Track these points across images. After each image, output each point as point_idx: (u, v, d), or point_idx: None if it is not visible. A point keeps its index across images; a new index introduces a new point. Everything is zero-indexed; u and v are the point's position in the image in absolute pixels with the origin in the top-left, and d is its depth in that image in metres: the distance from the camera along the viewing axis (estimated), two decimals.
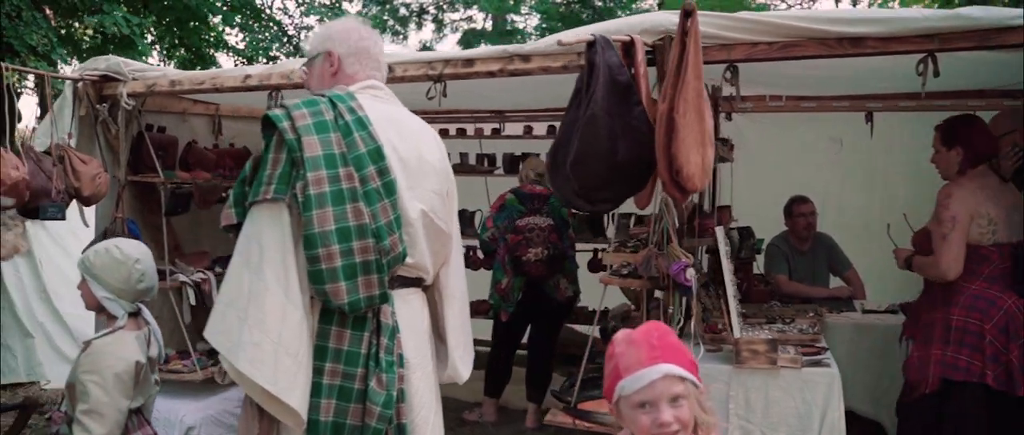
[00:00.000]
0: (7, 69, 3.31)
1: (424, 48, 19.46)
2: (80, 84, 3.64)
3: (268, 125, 1.97)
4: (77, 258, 5.34)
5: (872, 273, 4.78)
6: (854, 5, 14.14)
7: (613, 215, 5.01)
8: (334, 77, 2.15)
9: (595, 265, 4.89)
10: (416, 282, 2.14)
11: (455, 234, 2.25)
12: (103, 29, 7.32)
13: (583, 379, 3.13)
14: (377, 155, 1.96)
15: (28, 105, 12.85)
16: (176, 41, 11.12)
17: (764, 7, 14.44)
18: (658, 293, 3.22)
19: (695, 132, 2.21)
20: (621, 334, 1.73)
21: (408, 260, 2.04)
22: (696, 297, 2.89)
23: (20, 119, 13.34)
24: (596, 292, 4.91)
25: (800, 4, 14.87)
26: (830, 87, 4.31)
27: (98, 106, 3.67)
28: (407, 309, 2.09)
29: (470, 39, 18.31)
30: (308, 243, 1.88)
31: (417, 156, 2.09)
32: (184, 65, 11.65)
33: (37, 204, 3.32)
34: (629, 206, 4.93)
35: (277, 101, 3.46)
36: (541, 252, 4.18)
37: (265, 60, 12.50)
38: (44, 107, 12.41)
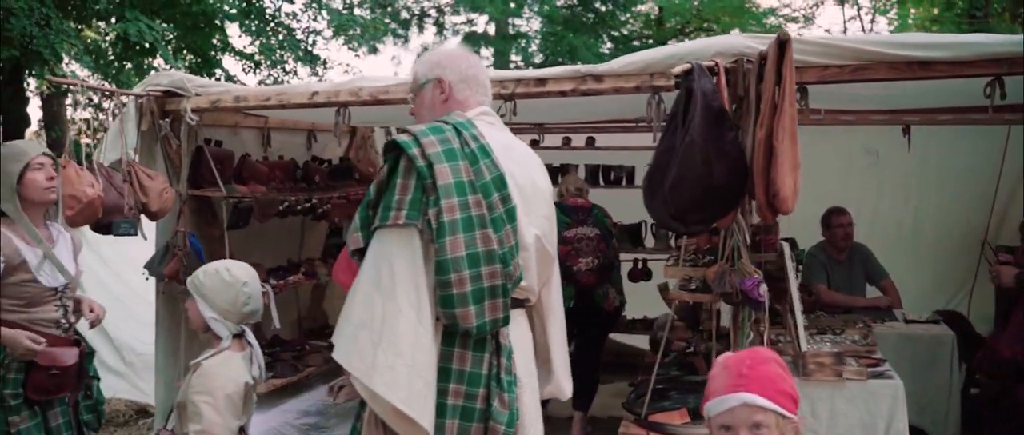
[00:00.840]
0: (81, 85, 3.35)
1: (425, 51, 19.50)
2: (143, 100, 3.68)
3: (393, 149, 2.02)
4: (117, 270, 5.35)
5: (903, 282, 4.89)
6: (857, 9, 14.29)
7: (652, 226, 5.12)
8: (445, 104, 2.21)
9: (636, 275, 4.98)
10: (522, 303, 2.20)
11: (556, 255, 2.32)
12: (127, 36, 7.32)
13: (659, 388, 3.20)
14: (501, 183, 2.03)
15: (32, 111, 12.77)
16: (182, 46, 11.11)
17: (770, 12, 14.58)
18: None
19: (790, 157, 2.29)
20: (722, 357, 1.80)
21: (522, 283, 2.10)
22: (767, 312, 2.96)
23: (28, 124, 13.18)
24: (637, 302, 5.03)
25: (803, 11, 15.03)
26: (865, 102, 4.41)
27: (160, 121, 3.71)
28: (517, 329, 2.16)
29: (473, 44, 18.35)
30: (440, 269, 1.93)
31: (531, 183, 2.16)
32: (191, 69, 11.64)
33: (110, 220, 3.35)
34: None
35: (345, 117, 3.51)
36: (591, 261, 4.26)
37: (272, 65, 12.50)
38: (43, 118, 12.25)
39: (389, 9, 18.82)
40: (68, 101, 12.36)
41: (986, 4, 13.07)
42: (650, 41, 18.70)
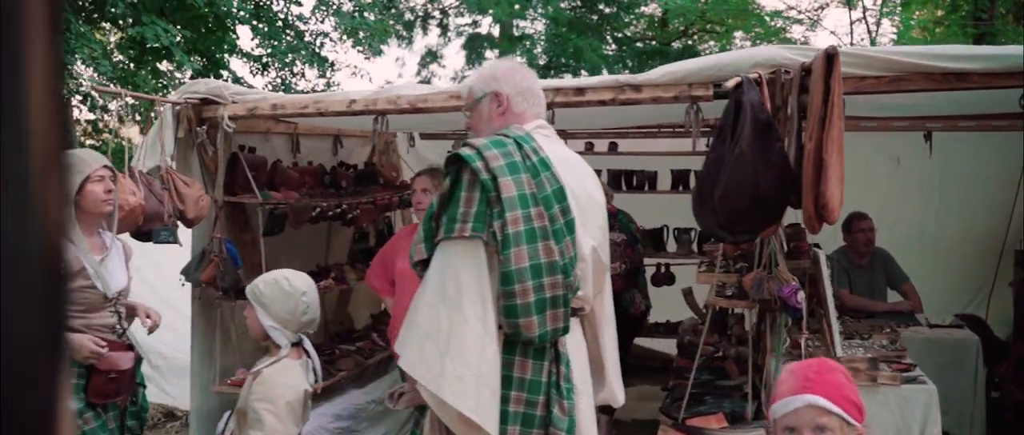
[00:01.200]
0: (124, 94, 3.39)
1: (429, 53, 19.55)
2: (181, 107, 3.72)
3: (456, 162, 2.07)
4: (143, 275, 5.39)
5: (922, 286, 4.94)
6: (863, 12, 14.35)
7: (674, 231, 5.17)
8: (503, 117, 2.25)
9: (659, 279, 5.03)
10: (577, 312, 2.25)
11: (609, 264, 2.37)
12: (143, 39, 7.36)
13: (693, 393, 3.24)
14: (560, 195, 2.08)
15: None
16: (190, 49, 11.15)
17: (776, 14, 14.63)
18: None
19: (838, 169, 2.35)
20: (789, 364, 1.87)
21: (578, 293, 2.15)
22: (805, 318, 3.01)
23: None
24: (660, 306, 5.08)
25: (808, 14, 15.09)
26: (888, 108, 4.46)
27: (197, 129, 3.75)
28: (572, 338, 2.21)
29: (476, 46, 18.41)
30: (505, 280, 1.98)
31: (586, 194, 2.21)
32: (199, 72, 11.67)
33: (149, 228, 3.39)
34: (687, 221, 5.04)
35: (383, 125, 3.55)
36: (619, 267, 4.30)
37: (280, 67, 12.53)
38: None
39: (393, 11, 18.85)
40: (74, 102, 12.37)
41: (991, 6, 13.13)
42: (653, 43, 18.81)
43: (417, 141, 5.44)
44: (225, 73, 12.34)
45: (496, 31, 18.68)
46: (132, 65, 9.34)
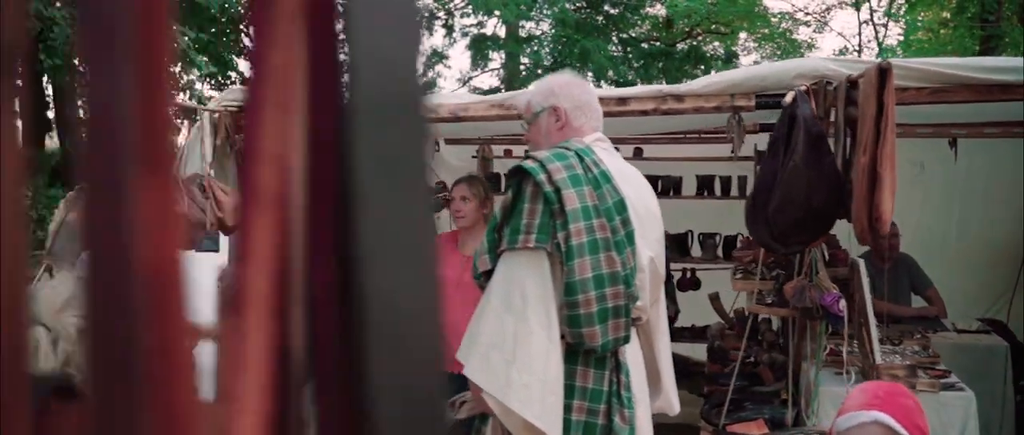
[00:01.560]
0: None
1: (435, 53, 19.55)
2: (217, 115, 3.75)
3: (519, 174, 2.10)
4: None
5: (944, 291, 4.98)
6: (870, 13, 14.39)
7: (699, 236, 5.21)
8: (561, 131, 2.28)
9: (685, 284, 5.06)
10: (635, 321, 2.29)
11: (664, 275, 2.41)
12: None
13: (731, 399, 3.28)
14: (621, 207, 2.11)
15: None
16: (200, 49, 11.16)
17: (784, 16, 14.67)
18: None
19: (891, 181, 2.38)
20: (861, 384, 1.91)
21: (637, 303, 2.19)
22: (847, 326, 3.05)
23: (50, 128, 13.17)
24: (688, 310, 5.11)
25: (815, 16, 15.12)
26: (914, 116, 4.49)
27: (236, 136, 3.78)
28: (630, 348, 2.24)
29: (482, 47, 18.44)
30: (569, 290, 2.02)
31: (645, 207, 2.24)
32: (208, 74, 11.67)
33: (192, 236, 3.42)
34: (712, 226, 5.07)
35: None
36: None
37: None
38: (55, 121, 12.26)
39: None
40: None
41: (998, 8, 13.18)
42: (657, 44, 18.84)
43: (442, 146, 5.47)
44: (233, 74, 12.35)
45: (502, 32, 18.69)
46: None
